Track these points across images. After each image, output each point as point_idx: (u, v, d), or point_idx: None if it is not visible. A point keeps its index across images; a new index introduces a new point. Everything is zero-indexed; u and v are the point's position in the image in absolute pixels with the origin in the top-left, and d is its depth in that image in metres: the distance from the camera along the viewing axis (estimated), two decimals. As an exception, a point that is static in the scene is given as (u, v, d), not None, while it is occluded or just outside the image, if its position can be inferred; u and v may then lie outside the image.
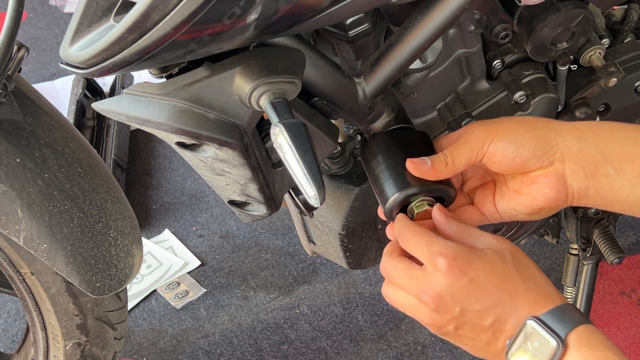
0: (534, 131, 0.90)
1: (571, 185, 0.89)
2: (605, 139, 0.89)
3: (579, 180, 0.89)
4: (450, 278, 0.84)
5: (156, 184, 2.21)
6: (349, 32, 1.02)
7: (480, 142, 0.91)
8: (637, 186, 0.87)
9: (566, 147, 0.89)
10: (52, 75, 2.60)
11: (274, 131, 0.83)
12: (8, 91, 1.09)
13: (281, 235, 2.03)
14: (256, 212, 1.04)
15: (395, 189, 0.95)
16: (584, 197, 0.90)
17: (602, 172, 0.88)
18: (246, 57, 0.87)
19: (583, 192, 0.89)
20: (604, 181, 0.88)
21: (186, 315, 1.89)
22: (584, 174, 0.88)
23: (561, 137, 0.89)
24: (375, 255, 1.32)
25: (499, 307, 0.84)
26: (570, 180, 0.89)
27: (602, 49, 1.17)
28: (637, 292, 1.84)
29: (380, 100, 1.02)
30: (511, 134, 0.90)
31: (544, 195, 0.90)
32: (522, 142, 0.89)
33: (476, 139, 0.91)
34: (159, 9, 0.75)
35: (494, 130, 0.91)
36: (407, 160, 0.94)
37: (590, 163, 0.88)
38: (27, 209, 1.12)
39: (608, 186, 0.88)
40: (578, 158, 0.88)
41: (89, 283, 1.18)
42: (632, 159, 0.87)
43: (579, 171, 0.88)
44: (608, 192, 0.88)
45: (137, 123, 0.90)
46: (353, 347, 1.79)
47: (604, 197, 0.89)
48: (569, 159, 0.88)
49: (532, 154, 0.89)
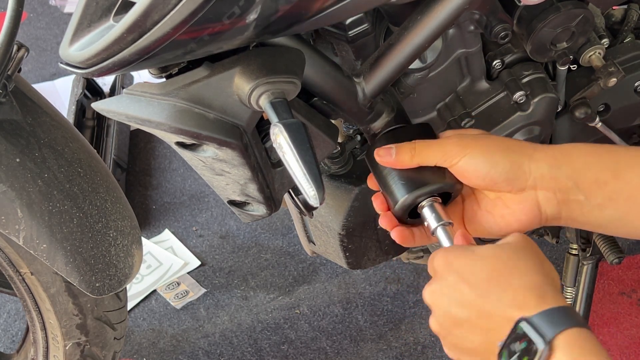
0: (508, 155, 0.91)
1: (544, 210, 0.92)
2: (577, 166, 0.91)
3: (551, 206, 0.91)
4: (441, 275, 0.86)
5: (156, 184, 2.21)
6: (349, 32, 1.02)
7: (453, 153, 0.92)
8: (606, 209, 0.90)
9: (539, 175, 0.91)
10: (52, 75, 2.60)
11: (274, 131, 0.83)
12: (8, 91, 1.09)
13: (281, 235, 2.03)
14: (256, 212, 1.04)
15: (404, 191, 0.94)
16: (556, 220, 0.93)
17: (573, 199, 0.90)
18: (246, 57, 0.87)
19: (555, 215, 0.92)
20: (575, 206, 0.91)
21: (186, 315, 1.89)
22: (555, 201, 0.91)
23: (535, 164, 0.91)
24: (375, 255, 1.32)
25: (486, 301, 0.83)
26: (544, 206, 0.92)
27: (602, 49, 1.17)
28: (637, 292, 1.84)
29: (380, 100, 1.02)
30: (486, 153, 0.91)
31: (518, 221, 0.93)
32: (495, 163, 0.91)
33: (450, 148, 0.92)
34: (159, 8, 0.75)
35: (470, 145, 0.92)
36: (375, 150, 0.94)
37: (562, 190, 0.90)
38: (27, 208, 1.12)
39: (579, 210, 0.91)
40: (550, 185, 0.91)
41: (89, 283, 1.18)
42: (602, 184, 0.89)
43: (551, 197, 0.91)
44: (579, 216, 0.92)
45: (136, 123, 0.90)
46: (353, 347, 1.79)
47: (574, 219, 0.92)
48: (541, 186, 0.91)
49: (504, 177, 0.91)
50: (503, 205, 0.93)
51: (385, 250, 1.31)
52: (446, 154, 0.92)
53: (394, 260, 1.88)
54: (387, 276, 1.90)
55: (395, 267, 1.91)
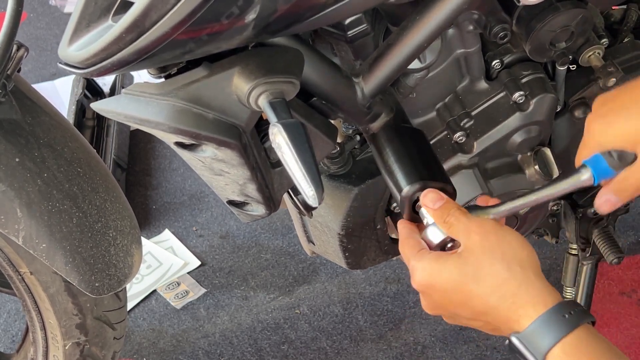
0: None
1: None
2: None
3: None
4: (426, 294, 0.89)
5: (156, 184, 2.21)
6: (348, 32, 1.02)
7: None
8: None
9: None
10: (52, 75, 2.60)
11: (273, 131, 0.83)
12: (7, 91, 1.09)
13: (281, 235, 2.03)
14: (255, 212, 1.04)
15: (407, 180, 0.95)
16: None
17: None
18: (245, 57, 0.87)
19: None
20: None
21: (186, 315, 1.89)
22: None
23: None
24: (375, 255, 1.32)
25: (481, 317, 0.85)
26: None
27: (601, 49, 1.17)
28: (637, 292, 1.84)
29: (379, 100, 1.02)
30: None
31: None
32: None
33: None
34: (157, 8, 0.76)
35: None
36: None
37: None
38: (27, 208, 1.12)
39: None
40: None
41: (88, 282, 1.18)
42: None
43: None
44: None
45: (135, 123, 0.90)
46: (353, 347, 1.79)
47: None
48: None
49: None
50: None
51: (384, 250, 1.31)
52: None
53: (394, 260, 1.88)
54: (387, 276, 1.90)
55: (395, 267, 1.91)
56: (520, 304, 0.81)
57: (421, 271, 0.87)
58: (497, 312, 0.82)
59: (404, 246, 0.92)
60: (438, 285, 0.86)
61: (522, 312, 0.81)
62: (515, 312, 0.81)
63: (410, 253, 0.90)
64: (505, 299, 0.82)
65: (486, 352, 1.74)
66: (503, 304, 0.81)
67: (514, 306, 0.81)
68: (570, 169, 0.90)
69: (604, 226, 1.45)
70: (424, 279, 0.87)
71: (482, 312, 0.84)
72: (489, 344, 1.75)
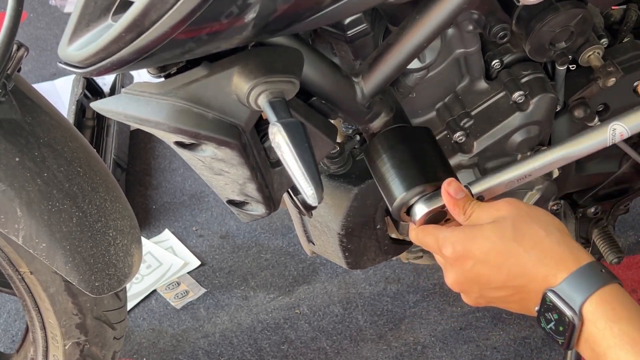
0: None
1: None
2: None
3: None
4: (457, 265, 0.89)
5: (156, 184, 2.21)
6: (348, 32, 1.02)
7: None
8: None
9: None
10: (52, 75, 2.60)
11: (272, 130, 0.83)
12: (7, 90, 1.09)
13: (281, 235, 2.03)
14: (255, 211, 1.04)
15: (402, 189, 0.95)
16: None
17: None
18: (244, 57, 0.87)
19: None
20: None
21: (186, 315, 1.89)
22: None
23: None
24: (375, 255, 1.32)
25: (514, 281, 0.86)
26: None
27: (601, 48, 1.17)
28: (637, 292, 1.84)
29: (379, 100, 1.02)
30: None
31: None
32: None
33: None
34: (157, 8, 0.76)
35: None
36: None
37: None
38: (26, 208, 1.12)
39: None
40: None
41: (88, 282, 1.18)
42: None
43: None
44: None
45: (135, 122, 0.90)
46: (353, 347, 1.79)
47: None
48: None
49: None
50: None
51: (384, 250, 1.31)
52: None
53: (394, 260, 1.88)
54: (387, 276, 1.90)
55: (395, 267, 1.91)
56: (558, 259, 0.84)
57: (455, 239, 0.88)
58: (535, 270, 0.84)
59: (426, 229, 0.94)
60: (475, 249, 0.87)
61: (561, 266, 0.83)
62: (554, 267, 0.83)
63: (437, 229, 0.92)
64: (546, 254, 0.84)
65: (486, 352, 1.74)
66: (543, 259, 0.84)
67: (553, 261, 0.84)
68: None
69: (603, 226, 1.45)
70: (459, 245, 0.88)
71: (518, 273, 0.85)
72: (489, 344, 1.75)
